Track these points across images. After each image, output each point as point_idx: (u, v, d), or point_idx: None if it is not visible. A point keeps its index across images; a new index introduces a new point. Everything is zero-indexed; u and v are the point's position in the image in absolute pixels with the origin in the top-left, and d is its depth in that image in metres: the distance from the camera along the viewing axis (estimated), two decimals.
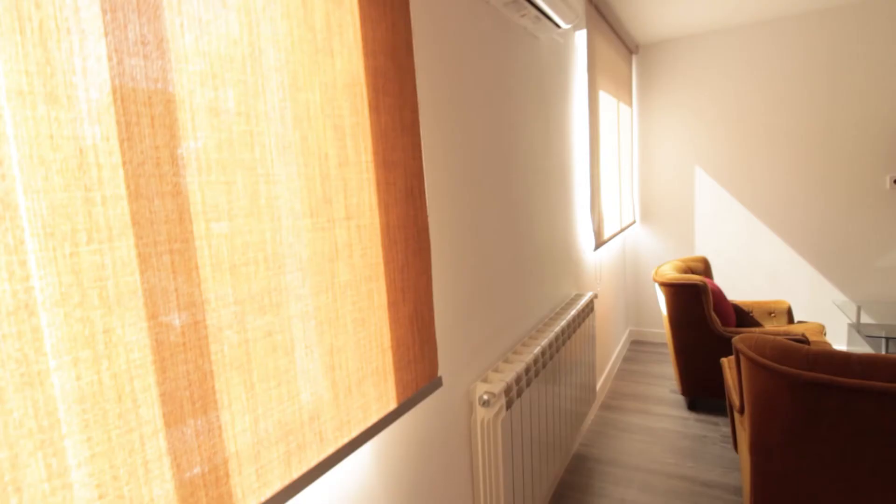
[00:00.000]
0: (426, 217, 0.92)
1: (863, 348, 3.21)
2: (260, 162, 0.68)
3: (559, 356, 1.88)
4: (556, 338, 1.84)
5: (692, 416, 2.67)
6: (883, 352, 2.76)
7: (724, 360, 2.03)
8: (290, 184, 0.71)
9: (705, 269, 3.15)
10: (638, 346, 3.83)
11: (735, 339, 1.59)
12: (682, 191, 3.69)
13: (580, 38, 2.56)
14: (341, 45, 0.76)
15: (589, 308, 2.34)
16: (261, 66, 0.68)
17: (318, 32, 0.74)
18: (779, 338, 1.51)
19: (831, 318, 3.35)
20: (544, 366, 1.70)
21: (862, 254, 3.20)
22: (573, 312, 2.09)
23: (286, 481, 0.71)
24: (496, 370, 1.51)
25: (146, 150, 0.55)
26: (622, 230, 3.29)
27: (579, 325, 2.16)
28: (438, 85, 1.17)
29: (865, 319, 3.09)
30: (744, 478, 1.71)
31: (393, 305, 0.85)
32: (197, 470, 0.66)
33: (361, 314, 0.78)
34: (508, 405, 1.40)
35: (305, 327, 0.72)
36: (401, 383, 0.86)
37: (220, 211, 0.64)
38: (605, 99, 2.94)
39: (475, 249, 1.40)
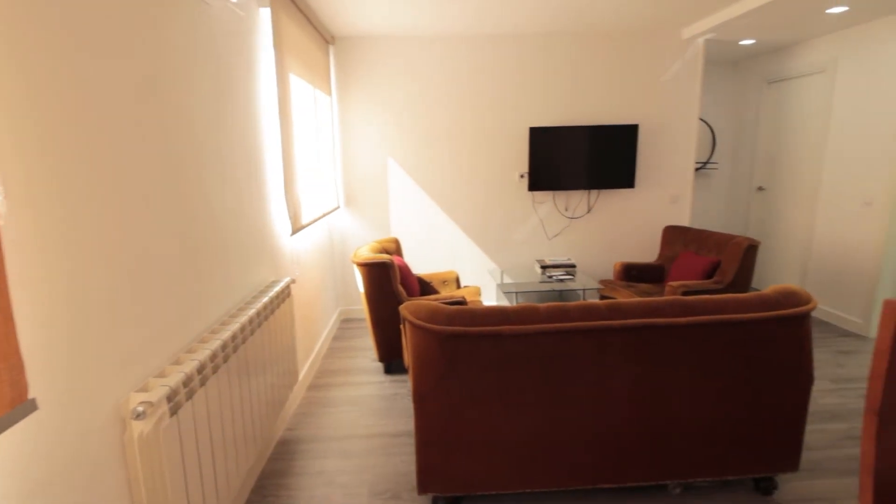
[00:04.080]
0: None
1: (505, 302, 4.24)
2: None
3: (247, 347, 1.82)
4: (243, 328, 1.77)
5: (387, 378, 3.01)
6: (514, 304, 3.72)
7: (402, 327, 2.35)
8: None
9: (397, 248, 3.56)
10: (347, 324, 4.07)
11: (401, 308, 1.85)
12: (378, 178, 4.06)
13: (266, 15, 2.47)
14: None
15: (285, 293, 2.34)
16: None
17: None
18: (431, 302, 1.83)
19: (487, 282, 4.30)
20: (226, 360, 1.61)
21: (504, 230, 4.19)
22: (265, 300, 2.05)
23: None
24: (161, 375, 1.35)
25: None
26: (324, 215, 3.40)
27: (273, 311, 2.13)
28: (36, 39, 0.93)
29: (507, 280, 4.08)
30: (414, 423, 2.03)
31: None
32: None
33: None
34: (174, 411, 1.27)
35: None
36: None
37: None
38: (300, 84, 2.94)
39: (122, 244, 1.20)
